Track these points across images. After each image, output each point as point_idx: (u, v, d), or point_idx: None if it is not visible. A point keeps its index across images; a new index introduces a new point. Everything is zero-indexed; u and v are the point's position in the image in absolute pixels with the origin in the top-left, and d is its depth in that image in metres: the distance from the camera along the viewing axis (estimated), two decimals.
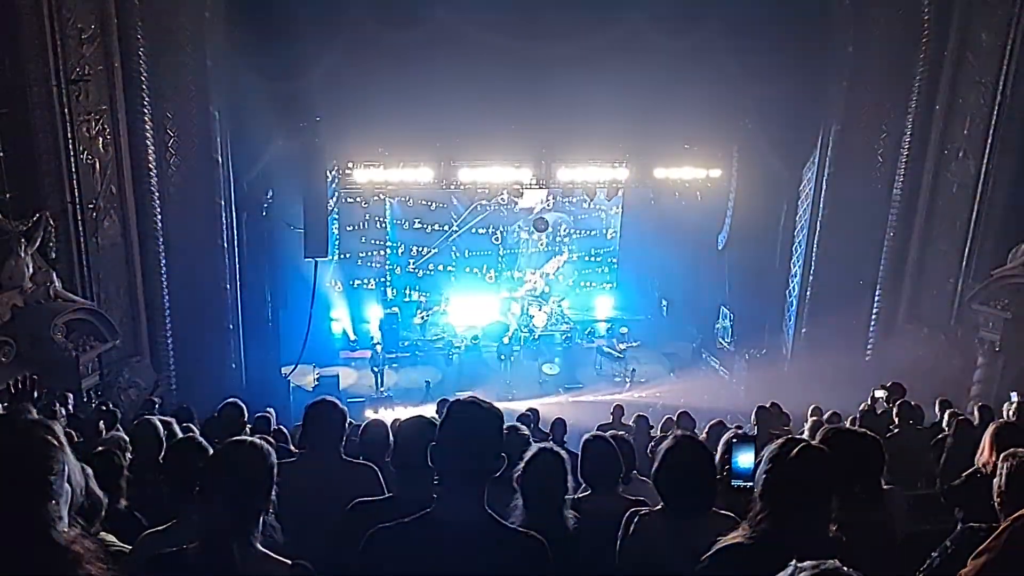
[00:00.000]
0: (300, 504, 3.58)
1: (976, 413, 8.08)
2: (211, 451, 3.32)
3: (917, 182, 13.40)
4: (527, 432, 4.69)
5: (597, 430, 7.96)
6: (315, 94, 13.59)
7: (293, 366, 16.15)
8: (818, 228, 14.79)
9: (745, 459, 3.15)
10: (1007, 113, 12.09)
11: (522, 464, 3.41)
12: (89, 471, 2.74)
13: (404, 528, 2.51)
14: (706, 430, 7.41)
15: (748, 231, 16.89)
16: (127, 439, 5.95)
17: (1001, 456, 3.31)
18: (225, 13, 11.88)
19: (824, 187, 14.52)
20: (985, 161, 12.42)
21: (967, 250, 12.85)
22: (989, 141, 12.33)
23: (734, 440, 3.34)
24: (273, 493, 2.64)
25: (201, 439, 3.48)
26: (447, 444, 2.50)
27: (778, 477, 2.55)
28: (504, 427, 2.61)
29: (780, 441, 2.66)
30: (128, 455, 5.55)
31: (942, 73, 12.77)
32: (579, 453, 4.19)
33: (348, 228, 19.08)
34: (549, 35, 13.07)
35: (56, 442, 1.98)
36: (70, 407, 8.65)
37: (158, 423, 5.64)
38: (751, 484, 2.81)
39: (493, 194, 16.77)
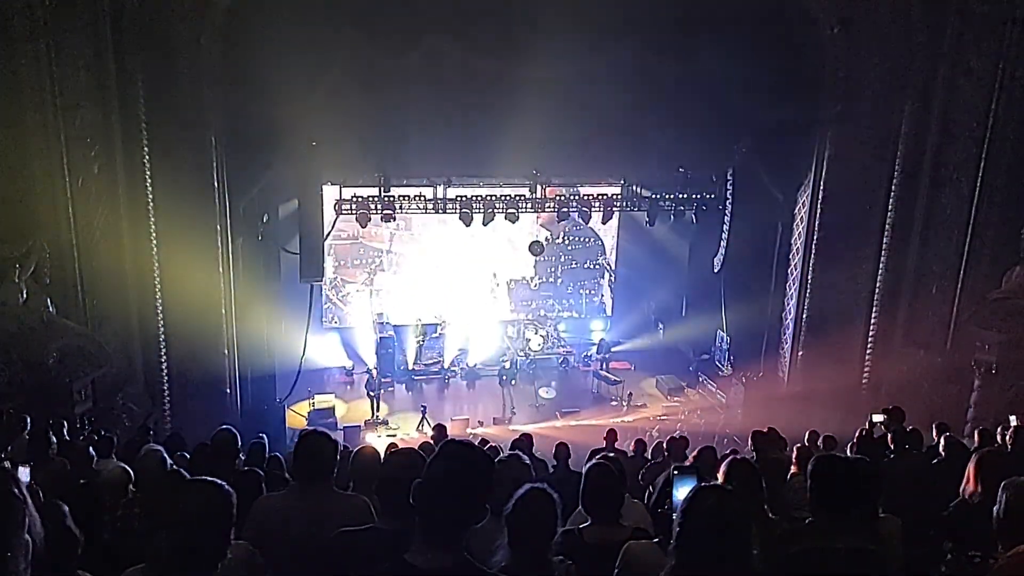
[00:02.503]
0: (289, 536, 3.55)
1: (976, 436, 8.06)
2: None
3: (911, 205, 13.43)
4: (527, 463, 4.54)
5: (589, 455, 7.92)
6: (311, 118, 13.64)
7: (289, 391, 16.07)
8: (813, 250, 14.79)
9: (684, 493, 3.07)
10: (1000, 136, 12.19)
11: (511, 502, 3.29)
12: (65, 508, 2.68)
13: (376, 573, 2.45)
14: (693, 455, 7.33)
15: (744, 254, 16.90)
16: (130, 471, 5.84)
17: (1001, 485, 3.28)
18: (221, 39, 11.95)
19: (819, 210, 14.54)
20: (979, 184, 12.50)
21: (962, 273, 12.89)
22: (982, 164, 12.42)
23: (675, 473, 3.26)
24: (231, 535, 2.61)
25: (184, 472, 3.43)
26: (432, 486, 2.44)
27: (691, 529, 2.48)
28: (496, 465, 2.56)
29: (695, 488, 2.60)
30: (131, 487, 5.49)
31: (935, 97, 12.85)
32: (581, 480, 4.09)
33: (343, 242, 19.10)
34: (543, 59, 13.13)
35: (18, 492, 1.93)
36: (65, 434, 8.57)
37: (163, 455, 5.56)
38: None
39: (488, 216, 16.83)
